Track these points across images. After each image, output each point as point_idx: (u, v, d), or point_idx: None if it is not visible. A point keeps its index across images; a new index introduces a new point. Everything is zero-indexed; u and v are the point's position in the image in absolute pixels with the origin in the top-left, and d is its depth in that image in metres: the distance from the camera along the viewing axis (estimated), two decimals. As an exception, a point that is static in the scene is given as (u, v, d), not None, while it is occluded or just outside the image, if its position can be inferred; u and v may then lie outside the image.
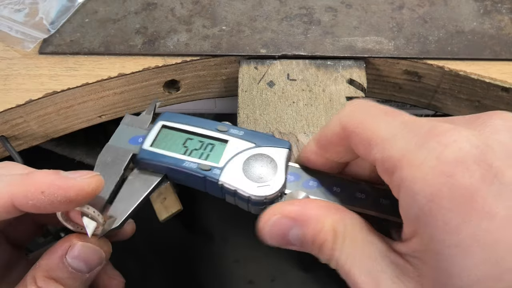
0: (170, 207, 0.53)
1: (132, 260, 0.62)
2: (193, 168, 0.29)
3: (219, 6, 0.44)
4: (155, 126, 0.31)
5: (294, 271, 0.59)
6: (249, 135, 0.30)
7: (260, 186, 0.28)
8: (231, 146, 0.30)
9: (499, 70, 0.39)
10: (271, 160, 0.29)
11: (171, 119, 0.31)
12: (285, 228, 0.26)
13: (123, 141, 0.31)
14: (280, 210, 0.26)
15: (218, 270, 0.61)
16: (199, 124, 0.31)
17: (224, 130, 0.30)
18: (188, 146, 0.30)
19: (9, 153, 0.39)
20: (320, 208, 0.26)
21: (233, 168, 0.29)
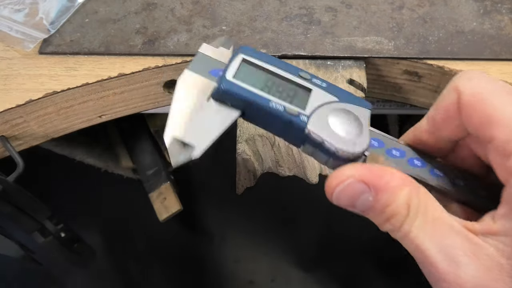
0: (170, 207, 0.53)
1: (132, 260, 0.62)
2: (279, 110, 0.27)
3: (219, 6, 0.44)
4: (235, 59, 0.29)
5: (294, 271, 0.59)
6: (332, 88, 0.29)
7: (348, 141, 0.27)
8: (314, 95, 0.28)
9: (499, 70, 0.39)
10: (356, 118, 0.28)
11: (250, 54, 0.29)
12: (356, 192, 0.25)
13: (204, 71, 0.29)
14: (356, 172, 0.25)
15: (218, 270, 0.61)
16: (280, 65, 0.29)
17: (307, 78, 0.29)
18: (271, 86, 0.28)
19: (9, 153, 0.39)
20: (397, 178, 0.25)
21: (320, 118, 0.27)
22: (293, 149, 0.35)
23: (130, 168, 0.61)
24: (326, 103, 0.28)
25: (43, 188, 0.47)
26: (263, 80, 0.28)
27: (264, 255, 0.60)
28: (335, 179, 0.26)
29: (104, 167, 0.60)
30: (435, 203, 0.25)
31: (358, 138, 0.27)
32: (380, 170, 0.26)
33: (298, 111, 0.27)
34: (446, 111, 0.27)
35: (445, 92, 0.27)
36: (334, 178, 0.26)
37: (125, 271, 0.62)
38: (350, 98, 0.29)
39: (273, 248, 0.61)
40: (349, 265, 0.64)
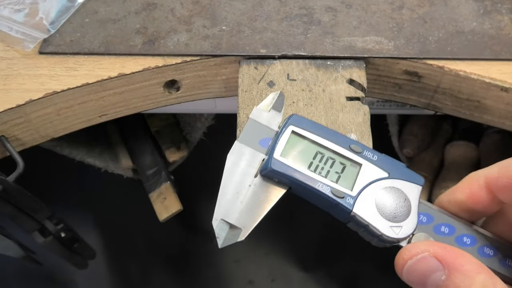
0: (170, 207, 0.53)
1: (132, 260, 0.62)
2: (325, 192, 0.27)
3: (219, 6, 0.44)
4: (285, 132, 0.29)
5: (294, 271, 0.59)
6: (383, 162, 0.28)
7: (393, 226, 0.27)
8: (364, 171, 0.28)
9: (499, 70, 0.39)
10: (405, 198, 0.27)
11: (300, 124, 0.29)
12: (429, 269, 0.24)
13: (253, 141, 0.29)
14: (431, 249, 0.25)
15: (218, 270, 0.61)
16: (330, 137, 0.29)
17: (358, 152, 0.28)
18: (319, 161, 0.28)
19: (9, 153, 0.39)
20: (473, 263, 0.24)
21: (366, 200, 0.27)
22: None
23: (130, 168, 0.61)
24: (375, 181, 0.28)
25: (43, 188, 0.47)
26: (312, 155, 0.28)
27: (264, 255, 0.60)
28: (408, 252, 0.25)
29: (104, 167, 0.60)
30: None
31: (405, 221, 0.27)
32: (455, 251, 0.25)
33: (345, 193, 0.27)
34: None
35: None
36: (407, 251, 0.25)
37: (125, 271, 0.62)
38: (402, 172, 0.28)
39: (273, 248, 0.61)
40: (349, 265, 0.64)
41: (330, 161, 0.28)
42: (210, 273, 0.61)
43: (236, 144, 0.29)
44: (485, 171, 0.27)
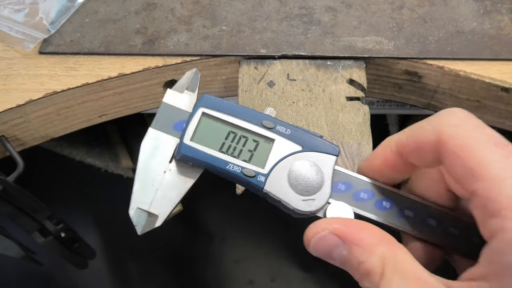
0: (170, 207, 0.53)
1: (132, 260, 0.62)
2: (236, 173, 0.28)
3: (219, 6, 0.44)
4: (195, 114, 0.29)
5: (294, 271, 0.59)
6: (296, 135, 0.28)
7: (305, 200, 0.27)
8: (277, 147, 0.28)
9: (499, 70, 0.39)
10: (318, 170, 0.28)
11: (211, 105, 0.29)
12: (331, 245, 0.26)
13: (168, 126, 0.29)
14: (331, 226, 0.26)
15: (218, 270, 0.61)
16: (242, 115, 0.29)
17: (270, 127, 0.28)
18: (231, 141, 0.28)
19: (9, 153, 0.39)
20: (373, 235, 0.25)
21: (278, 176, 0.27)
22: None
23: (130, 168, 0.61)
24: (288, 155, 0.28)
25: (43, 188, 0.47)
26: (224, 136, 0.28)
27: (264, 255, 0.60)
28: (311, 231, 0.26)
29: (104, 167, 0.60)
30: (414, 263, 0.24)
31: (317, 194, 0.27)
32: (356, 225, 0.26)
33: (256, 172, 0.28)
34: (420, 146, 0.26)
35: (425, 127, 0.25)
36: (310, 230, 0.26)
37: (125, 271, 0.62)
38: (316, 144, 0.28)
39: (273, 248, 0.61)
40: (349, 265, 0.64)
41: (242, 140, 0.28)
42: (210, 273, 0.61)
43: (149, 131, 0.29)
44: (396, 137, 0.27)
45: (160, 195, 0.28)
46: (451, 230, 0.28)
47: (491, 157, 0.23)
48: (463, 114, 0.25)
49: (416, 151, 0.26)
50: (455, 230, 0.28)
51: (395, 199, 0.28)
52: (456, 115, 0.25)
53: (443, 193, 0.28)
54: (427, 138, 0.25)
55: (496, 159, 0.23)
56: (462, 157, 0.23)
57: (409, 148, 0.26)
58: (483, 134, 0.24)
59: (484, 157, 0.23)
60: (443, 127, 0.24)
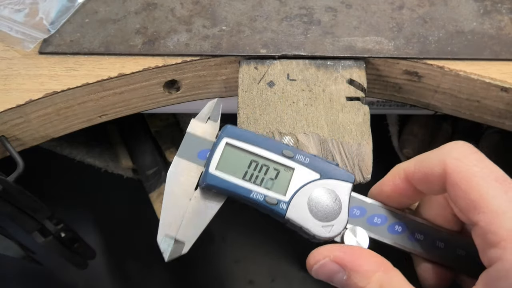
0: (170, 207, 0.53)
1: (132, 260, 0.62)
2: (259, 201, 0.29)
3: (219, 6, 0.44)
4: (219, 144, 0.30)
5: (294, 271, 0.59)
6: (314, 163, 0.30)
7: (324, 226, 0.29)
8: (297, 175, 0.30)
9: (499, 70, 0.39)
10: (335, 198, 0.29)
11: (234, 135, 0.30)
12: (331, 271, 0.27)
13: (192, 155, 0.31)
14: (331, 254, 0.27)
15: (218, 270, 0.61)
16: (263, 145, 0.30)
17: (290, 156, 0.30)
18: (253, 170, 0.30)
19: (9, 153, 0.39)
20: (370, 262, 0.27)
21: (298, 204, 0.29)
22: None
23: (130, 168, 0.61)
24: (307, 183, 0.29)
25: (43, 188, 0.47)
26: (246, 164, 0.30)
27: (264, 255, 0.60)
28: (313, 258, 0.28)
29: (104, 167, 0.60)
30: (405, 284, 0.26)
31: (335, 220, 0.29)
32: (356, 252, 0.28)
33: (278, 199, 0.29)
34: (427, 176, 0.27)
35: (432, 159, 0.27)
36: (312, 257, 0.28)
37: (125, 271, 0.62)
38: (333, 172, 0.30)
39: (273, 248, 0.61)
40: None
41: (264, 168, 0.30)
42: (210, 273, 0.61)
43: (175, 159, 0.31)
44: (404, 165, 0.29)
45: (187, 222, 0.29)
46: (458, 251, 0.29)
47: (491, 191, 0.24)
48: (466, 148, 0.27)
49: (424, 180, 0.28)
50: (462, 252, 0.29)
51: (406, 223, 0.30)
52: (459, 148, 0.27)
53: (450, 217, 0.30)
54: (433, 170, 0.27)
55: (496, 194, 0.24)
56: (465, 189, 0.25)
57: (417, 177, 0.28)
58: (484, 169, 0.25)
59: (485, 190, 0.25)
60: (447, 160, 0.26)
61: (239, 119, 0.37)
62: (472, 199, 0.25)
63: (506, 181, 0.25)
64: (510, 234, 0.23)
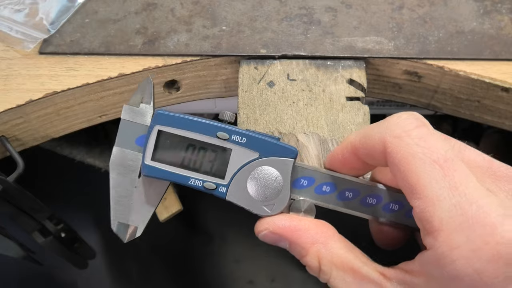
0: (170, 207, 0.53)
1: (132, 260, 0.62)
2: (198, 186, 0.29)
3: (219, 6, 0.44)
4: (152, 133, 0.30)
5: (294, 271, 0.59)
6: (253, 142, 0.29)
7: (266, 205, 0.29)
8: (235, 156, 0.29)
9: (499, 70, 0.39)
10: (276, 177, 0.29)
11: (166, 122, 0.30)
12: (274, 240, 0.29)
13: (130, 143, 0.31)
14: (271, 225, 0.28)
15: (218, 270, 0.61)
16: (197, 128, 0.29)
17: (225, 138, 0.29)
18: (191, 154, 0.29)
19: (9, 153, 0.39)
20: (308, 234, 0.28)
21: (238, 185, 0.29)
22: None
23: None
24: (246, 164, 0.29)
25: (43, 188, 0.47)
26: (183, 150, 0.29)
27: (264, 255, 0.60)
28: (256, 228, 0.29)
29: (104, 167, 0.60)
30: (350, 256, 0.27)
31: (277, 198, 0.29)
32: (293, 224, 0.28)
33: (216, 183, 0.29)
34: (370, 152, 0.27)
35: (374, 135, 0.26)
36: (256, 227, 0.29)
37: (125, 271, 0.62)
38: (272, 149, 0.29)
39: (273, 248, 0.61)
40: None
41: (202, 152, 0.29)
42: (210, 273, 0.61)
43: (114, 149, 0.31)
44: (351, 138, 0.29)
45: (136, 208, 0.30)
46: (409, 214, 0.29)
47: (429, 175, 0.23)
48: (409, 122, 0.25)
49: (368, 155, 0.27)
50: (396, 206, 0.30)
51: (357, 189, 0.30)
52: (401, 123, 0.25)
53: None
54: (375, 146, 0.26)
55: (434, 178, 0.23)
56: (403, 171, 0.24)
57: (361, 152, 0.28)
58: (425, 148, 0.24)
59: (422, 174, 0.24)
60: (387, 137, 0.25)
61: (239, 119, 0.37)
62: (410, 183, 0.24)
63: (447, 162, 0.23)
64: (442, 224, 0.22)
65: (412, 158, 0.24)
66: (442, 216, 0.23)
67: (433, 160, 0.24)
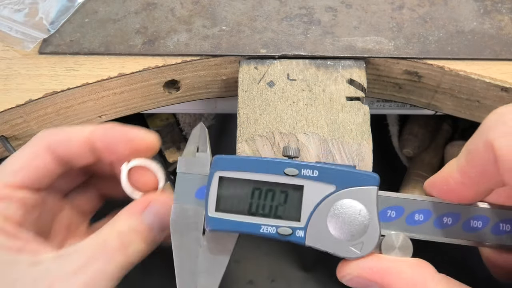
0: (170, 207, 0.53)
1: (132, 260, 0.62)
2: (272, 234, 0.26)
3: (219, 6, 0.44)
4: (212, 182, 0.26)
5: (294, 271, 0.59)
6: (326, 174, 0.26)
7: (353, 245, 0.25)
8: (308, 193, 0.26)
9: (499, 70, 0.39)
10: (360, 210, 0.25)
11: (226, 166, 0.26)
12: (364, 284, 0.25)
13: (189, 197, 0.27)
14: (355, 270, 0.24)
15: (218, 270, 0.61)
16: (262, 168, 0.26)
17: (294, 174, 0.26)
18: (258, 199, 0.26)
19: (9, 153, 0.39)
20: (401, 281, 0.23)
21: (317, 226, 0.25)
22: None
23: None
24: (323, 200, 0.25)
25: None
26: (249, 195, 0.26)
27: (264, 255, 0.60)
28: (339, 273, 0.25)
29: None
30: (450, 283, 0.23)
31: (365, 235, 0.25)
32: (381, 270, 0.24)
33: (292, 227, 0.25)
34: (483, 168, 0.23)
35: (479, 147, 0.22)
36: (338, 272, 0.25)
37: (125, 271, 0.62)
38: (350, 178, 0.25)
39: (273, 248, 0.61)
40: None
41: (270, 194, 0.26)
42: (210, 273, 0.61)
43: (173, 207, 0.28)
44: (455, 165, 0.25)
45: (204, 271, 0.27)
46: (502, 227, 0.25)
47: None
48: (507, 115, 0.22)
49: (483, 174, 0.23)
50: (506, 227, 0.25)
51: (457, 212, 0.25)
52: (503, 122, 0.22)
53: None
54: (486, 158, 0.22)
55: None
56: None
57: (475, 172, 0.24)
58: None
59: None
60: (494, 140, 0.21)
61: (239, 119, 0.37)
62: None
63: None
64: None
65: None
66: None
67: None
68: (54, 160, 0.31)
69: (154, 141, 0.30)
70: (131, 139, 0.29)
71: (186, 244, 0.27)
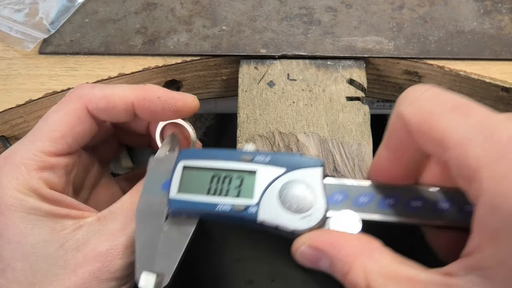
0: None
1: (132, 260, 0.62)
2: (227, 211, 0.28)
3: (219, 6, 0.44)
4: (176, 169, 0.29)
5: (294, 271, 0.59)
6: (277, 159, 0.28)
7: (302, 218, 0.27)
8: (260, 175, 0.28)
9: (499, 70, 0.39)
10: (307, 186, 0.27)
11: (190, 157, 0.29)
12: (313, 258, 0.26)
13: (156, 189, 0.30)
14: (309, 240, 0.26)
15: (218, 270, 0.61)
16: (220, 157, 0.29)
17: (248, 159, 0.29)
18: (216, 184, 0.29)
19: (9, 153, 0.39)
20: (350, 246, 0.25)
21: (269, 202, 0.27)
22: (292, 149, 0.35)
23: (130, 168, 0.61)
24: (273, 180, 0.28)
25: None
26: (208, 181, 0.29)
27: (264, 255, 0.60)
28: (293, 246, 0.26)
29: (103, 167, 0.60)
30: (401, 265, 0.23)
31: (312, 208, 0.27)
32: (332, 236, 0.26)
33: (245, 204, 0.28)
34: (400, 138, 0.25)
35: (393, 119, 0.25)
36: (292, 245, 0.26)
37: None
38: (297, 162, 0.28)
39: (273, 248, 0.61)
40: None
41: (227, 180, 0.29)
42: (210, 273, 0.61)
43: (140, 198, 0.30)
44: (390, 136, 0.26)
45: (162, 254, 0.28)
46: (466, 207, 0.26)
47: (452, 123, 0.22)
48: (415, 90, 0.24)
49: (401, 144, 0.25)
50: (470, 207, 0.26)
51: (398, 194, 0.27)
52: (409, 94, 0.24)
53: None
54: (399, 127, 0.25)
55: (457, 123, 0.22)
56: (426, 131, 0.23)
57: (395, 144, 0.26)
58: (438, 104, 0.23)
59: (446, 125, 0.22)
60: (403, 111, 0.24)
61: (239, 119, 0.37)
62: (437, 138, 0.22)
63: (463, 106, 0.23)
64: (480, 161, 0.20)
65: (430, 115, 0.23)
66: (478, 152, 0.21)
67: (449, 108, 0.23)
68: (95, 123, 0.32)
69: (195, 104, 0.32)
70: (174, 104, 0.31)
71: (148, 230, 0.29)
